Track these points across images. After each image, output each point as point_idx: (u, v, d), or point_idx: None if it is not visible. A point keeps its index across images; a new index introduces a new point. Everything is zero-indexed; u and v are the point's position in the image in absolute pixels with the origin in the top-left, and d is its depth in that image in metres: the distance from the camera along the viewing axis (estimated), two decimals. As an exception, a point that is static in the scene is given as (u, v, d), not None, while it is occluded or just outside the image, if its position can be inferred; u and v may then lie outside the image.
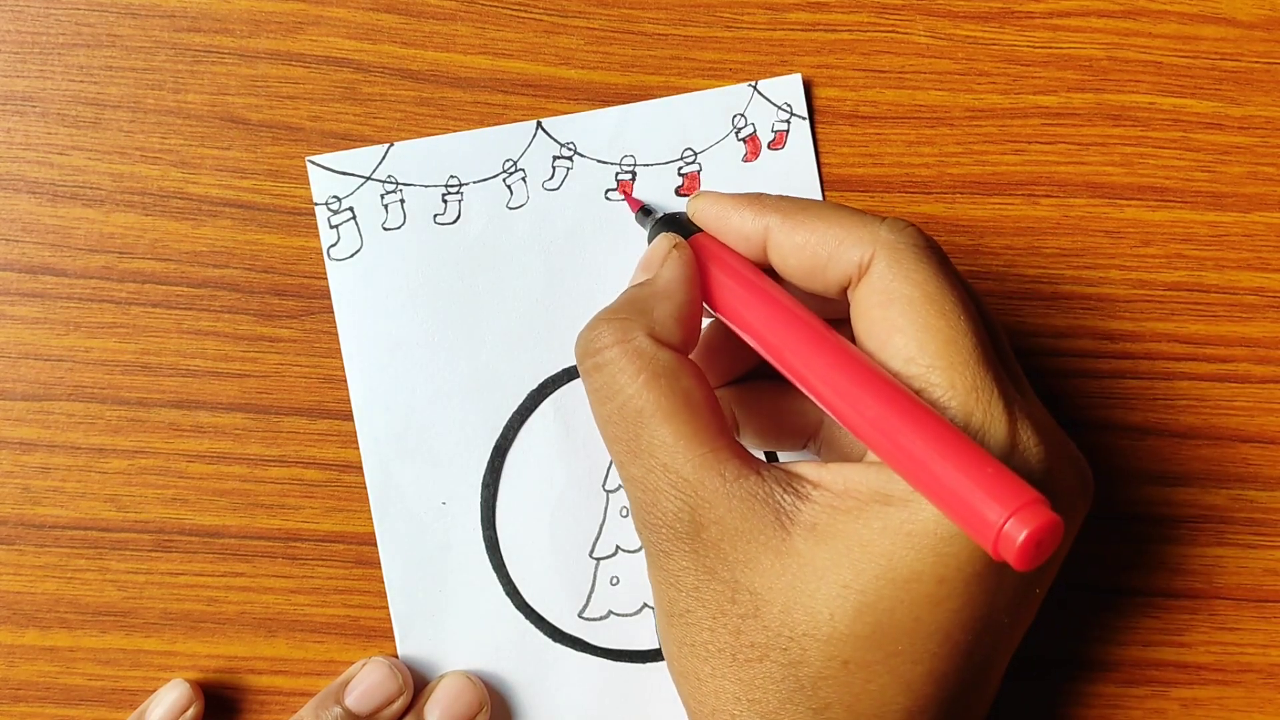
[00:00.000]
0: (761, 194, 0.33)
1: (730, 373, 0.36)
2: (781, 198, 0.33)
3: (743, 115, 0.40)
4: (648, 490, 0.31)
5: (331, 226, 0.39)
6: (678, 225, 0.35)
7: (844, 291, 0.31)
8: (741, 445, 0.31)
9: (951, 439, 0.27)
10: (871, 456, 0.30)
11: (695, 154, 0.40)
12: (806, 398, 0.35)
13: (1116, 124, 0.41)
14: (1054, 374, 0.40)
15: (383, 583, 0.39)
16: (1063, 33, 0.41)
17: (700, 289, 0.33)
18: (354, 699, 0.37)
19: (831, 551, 0.29)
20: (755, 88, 0.40)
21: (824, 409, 0.30)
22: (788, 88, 0.40)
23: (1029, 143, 0.41)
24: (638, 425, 0.30)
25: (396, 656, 0.39)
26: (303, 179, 0.39)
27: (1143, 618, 0.40)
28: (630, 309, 0.32)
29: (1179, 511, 0.40)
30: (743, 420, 0.36)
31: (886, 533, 0.28)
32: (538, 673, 0.39)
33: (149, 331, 0.39)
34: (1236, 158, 0.41)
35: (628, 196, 0.40)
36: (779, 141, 0.40)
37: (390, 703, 0.37)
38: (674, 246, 0.33)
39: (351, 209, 0.39)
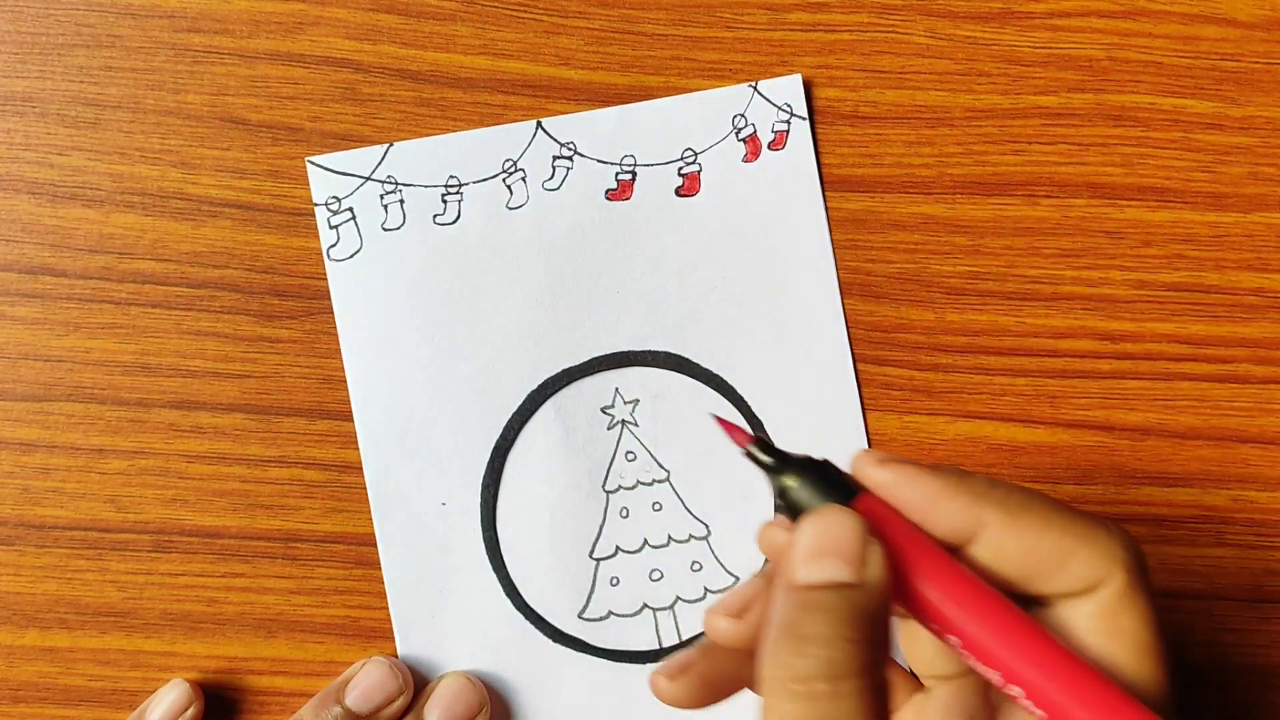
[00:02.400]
0: (967, 475, 0.28)
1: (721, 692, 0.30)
2: (995, 484, 0.28)
3: (743, 115, 0.40)
4: None
5: (331, 227, 0.39)
6: (826, 479, 0.28)
7: (1054, 597, 0.28)
8: None
9: None
10: None
11: (695, 154, 0.40)
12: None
13: (1116, 124, 0.41)
14: (1054, 374, 0.40)
15: (383, 583, 0.39)
16: (1063, 33, 0.41)
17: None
18: (354, 698, 0.37)
19: None
20: (755, 88, 0.40)
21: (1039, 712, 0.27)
22: (788, 88, 0.40)
23: (1029, 143, 0.41)
24: None
25: (396, 656, 0.39)
26: (303, 179, 0.39)
27: (1143, 618, 0.40)
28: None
29: (1179, 511, 0.40)
30: None
31: None
32: (538, 673, 0.39)
33: (149, 332, 0.39)
34: (1236, 158, 0.41)
35: (728, 427, 0.29)
36: (779, 142, 0.40)
37: (390, 702, 0.37)
38: (867, 543, 0.27)
39: (351, 209, 0.39)
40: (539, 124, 0.40)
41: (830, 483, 0.28)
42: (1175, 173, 0.41)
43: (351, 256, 0.39)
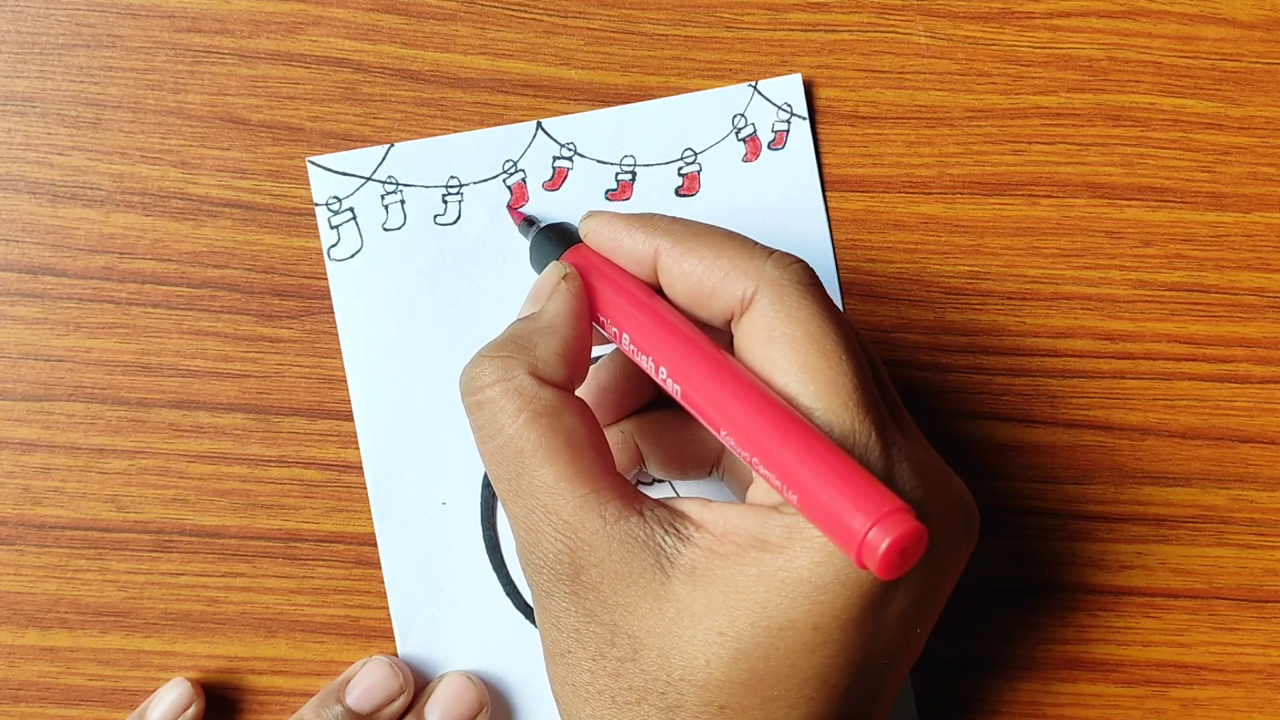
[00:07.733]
0: (654, 216, 0.32)
1: (629, 406, 0.36)
2: (674, 220, 0.32)
3: (743, 115, 0.40)
4: (530, 530, 0.30)
5: (332, 227, 0.39)
6: (562, 235, 0.35)
7: (728, 323, 0.31)
8: (627, 484, 0.31)
9: (822, 450, 0.27)
10: (754, 495, 0.30)
11: (695, 154, 0.40)
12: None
13: (1116, 124, 0.41)
14: (1054, 374, 0.40)
15: (383, 583, 0.39)
16: (1063, 33, 0.41)
17: (588, 321, 0.32)
18: (355, 697, 0.37)
19: (708, 597, 0.28)
20: (755, 88, 0.40)
21: (700, 419, 0.30)
22: (788, 88, 0.40)
23: (1029, 143, 0.41)
24: (519, 465, 0.30)
25: (396, 656, 0.39)
26: (303, 179, 0.40)
27: (1143, 618, 0.40)
28: (512, 345, 0.31)
29: (1179, 511, 0.40)
30: (647, 452, 0.36)
31: (762, 580, 0.28)
32: (538, 673, 0.39)
33: (149, 332, 0.39)
34: (1236, 158, 0.41)
35: (512, 211, 0.39)
36: (779, 141, 0.40)
37: (391, 701, 0.37)
38: (563, 278, 0.32)
39: (352, 209, 0.39)
40: (539, 124, 0.40)
41: (559, 235, 0.35)
42: (1175, 173, 0.41)
43: (352, 256, 0.39)
